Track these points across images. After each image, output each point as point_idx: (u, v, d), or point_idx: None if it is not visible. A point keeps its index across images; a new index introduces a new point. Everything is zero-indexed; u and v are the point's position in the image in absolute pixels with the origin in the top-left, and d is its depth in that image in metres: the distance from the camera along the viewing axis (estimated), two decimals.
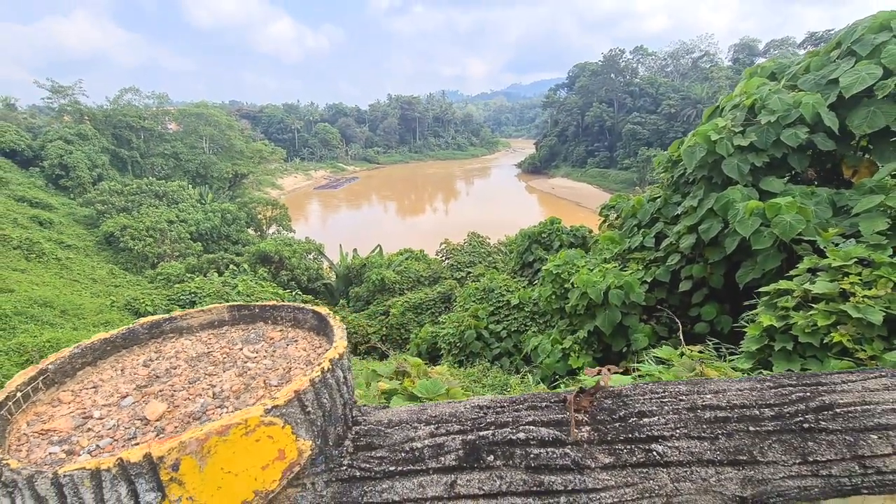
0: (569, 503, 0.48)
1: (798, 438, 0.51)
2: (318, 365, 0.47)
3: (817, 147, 5.30)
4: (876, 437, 0.51)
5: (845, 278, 3.72)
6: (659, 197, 7.22)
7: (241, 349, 0.58)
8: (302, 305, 0.64)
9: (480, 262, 21.19)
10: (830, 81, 5.48)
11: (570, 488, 0.48)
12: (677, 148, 6.86)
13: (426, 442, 0.50)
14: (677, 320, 5.35)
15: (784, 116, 5.36)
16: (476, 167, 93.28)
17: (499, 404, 0.55)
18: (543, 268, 8.05)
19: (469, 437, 0.50)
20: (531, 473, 0.48)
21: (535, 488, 0.47)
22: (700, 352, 3.24)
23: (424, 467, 0.48)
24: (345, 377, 0.51)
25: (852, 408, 0.53)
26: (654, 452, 0.50)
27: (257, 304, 0.66)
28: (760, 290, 4.24)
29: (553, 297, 7.53)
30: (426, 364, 2.69)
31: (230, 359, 0.56)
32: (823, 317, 3.60)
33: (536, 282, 10.64)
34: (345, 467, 0.48)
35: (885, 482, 0.51)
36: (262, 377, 0.52)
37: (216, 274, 21.40)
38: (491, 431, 0.51)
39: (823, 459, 0.51)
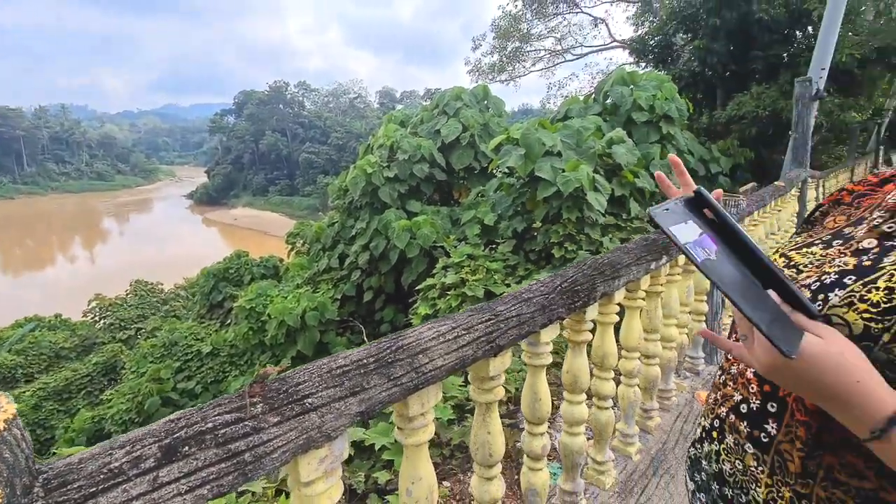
0: (252, 456, 0.69)
1: (385, 369, 0.90)
2: None
3: (436, 177, 7.29)
4: (422, 356, 0.96)
5: (462, 270, 5.33)
6: (336, 221, 8.10)
7: None
8: None
9: (154, 314, 17.62)
10: (436, 131, 7.64)
11: (251, 446, 0.70)
12: (345, 178, 7.91)
13: (123, 460, 0.60)
14: (362, 327, 6.18)
15: (413, 155, 7.10)
16: (130, 200, 76.22)
17: (189, 413, 0.70)
18: (235, 305, 7.61)
19: (164, 442, 0.64)
20: (221, 447, 0.67)
21: (224, 455, 0.67)
22: None
23: (126, 477, 0.60)
24: (22, 435, 0.56)
25: (412, 343, 0.96)
26: (307, 403, 0.78)
27: None
28: (417, 288, 5.50)
29: (250, 332, 7.24)
30: None
31: None
32: (455, 299, 5.04)
33: (230, 321, 9.86)
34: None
35: (430, 378, 0.96)
36: None
37: None
38: (183, 432, 0.66)
39: (398, 375, 0.91)
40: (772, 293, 0.52)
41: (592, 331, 1.61)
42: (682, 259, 2.21)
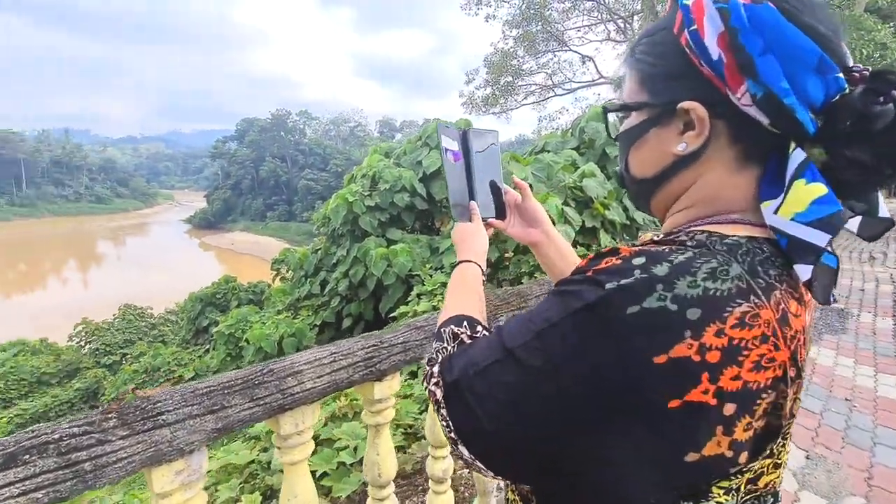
0: (93, 465, 0.78)
1: (250, 390, 0.99)
2: None
3: (417, 207, 7.48)
4: (291, 379, 1.05)
5: (434, 298, 5.41)
6: (320, 248, 8.22)
7: None
8: None
9: (142, 339, 17.46)
10: (419, 162, 7.88)
11: (93, 456, 0.78)
12: (329, 207, 8.08)
13: None
14: None
15: (394, 185, 7.31)
16: (128, 223, 76.45)
17: (44, 426, 0.80)
18: (215, 330, 7.64)
19: (8, 450, 0.73)
20: (62, 456, 0.76)
21: (64, 463, 0.76)
22: None
23: None
24: None
25: (284, 367, 1.06)
26: (160, 420, 0.87)
27: None
28: (391, 315, 5.58)
29: (228, 358, 7.24)
30: None
31: None
32: None
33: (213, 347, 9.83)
34: None
35: (298, 399, 1.06)
36: None
37: None
38: (29, 442, 0.76)
39: (262, 395, 1.00)
40: (473, 202, 0.88)
41: None
42: None
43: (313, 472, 2.50)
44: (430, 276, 6.09)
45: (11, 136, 76.32)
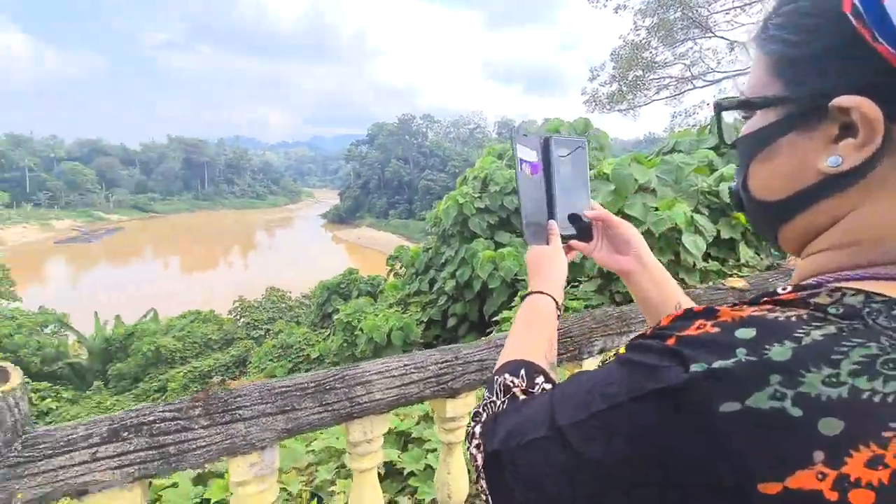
0: (177, 449, 0.86)
1: (321, 395, 1.01)
2: None
3: None
4: (359, 388, 1.05)
5: None
6: (431, 248, 8.51)
7: None
8: None
9: (282, 318, 20.03)
10: None
11: (177, 441, 0.86)
12: (441, 207, 8.32)
13: (79, 434, 0.81)
14: None
15: (505, 187, 7.22)
16: (278, 217, 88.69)
17: (143, 407, 0.90)
18: (335, 317, 8.39)
19: (112, 426, 0.84)
20: (152, 437, 0.85)
21: (153, 444, 0.84)
22: None
23: (75, 447, 0.80)
24: (17, 403, 0.79)
25: (355, 375, 1.06)
26: (237, 414, 0.93)
27: None
28: (494, 319, 5.51)
29: (345, 344, 7.90)
30: None
31: None
32: None
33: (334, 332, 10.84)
34: (12, 457, 0.76)
35: (365, 408, 1.05)
36: None
37: None
38: (129, 420, 0.86)
39: (331, 401, 1.02)
40: (552, 221, 0.77)
41: None
42: None
43: (401, 471, 2.56)
44: None
45: (200, 143, 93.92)
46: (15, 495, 0.74)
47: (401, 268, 9.70)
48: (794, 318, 0.32)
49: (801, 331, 0.30)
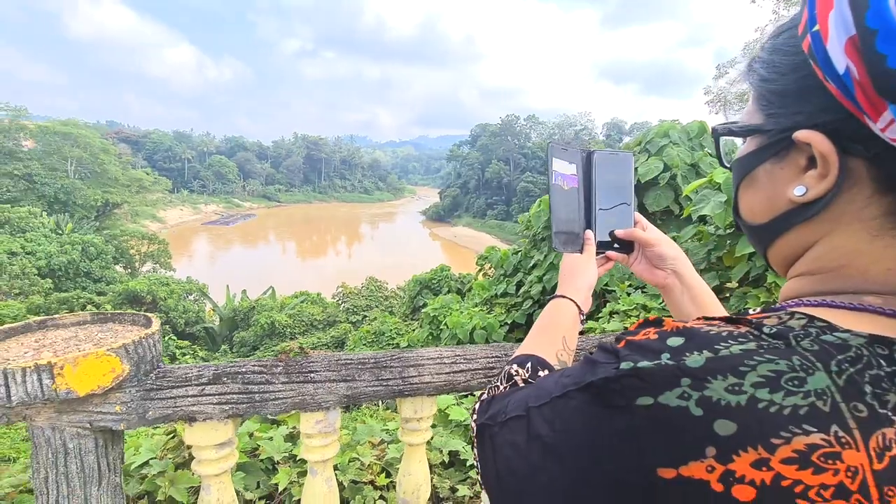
0: (261, 397, 1.05)
1: (378, 370, 1.15)
2: (138, 336, 1.00)
3: None
4: (412, 369, 1.17)
5: (628, 319, 4.93)
6: (520, 251, 8.47)
7: (97, 334, 1.08)
8: (137, 313, 1.15)
9: (377, 307, 21.34)
10: (634, 168, 7.21)
11: (262, 391, 1.05)
12: (533, 211, 8.23)
13: (193, 373, 1.04)
14: None
15: None
16: (382, 212, 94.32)
17: (239, 361, 1.11)
18: (423, 311, 8.77)
19: (216, 372, 1.05)
20: (244, 384, 1.05)
21: (243, 390, 1.04)
22: None
23: (190, 382, 1.03)
24: (155, 345, 1.04)
25: (410, 357, 1.18)
26: (309, 376, 1.10)
27: (110, 311, 1.16)
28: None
29: (430, 337, 8.22)
30: None
31: (89, 338, 1.06)
32: None
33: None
34: (148, 383, 1.00)
35: (415, 388, 1.17)
36: (107, 343, 1.03)
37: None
38: (229, 369, 1.07)
39: (386, 378, 1.15)
40: (589, 231, 0.80)
41: None
42: None
43: (464, 461, 2.66)
44: (628, 294, 5.56)
45: (320, 141, 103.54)
46: (148, 411, 0.98)
47: (490, 268, 9.79)
48: (724, 333, 0.35)
49: (723, 344, 0.34)
